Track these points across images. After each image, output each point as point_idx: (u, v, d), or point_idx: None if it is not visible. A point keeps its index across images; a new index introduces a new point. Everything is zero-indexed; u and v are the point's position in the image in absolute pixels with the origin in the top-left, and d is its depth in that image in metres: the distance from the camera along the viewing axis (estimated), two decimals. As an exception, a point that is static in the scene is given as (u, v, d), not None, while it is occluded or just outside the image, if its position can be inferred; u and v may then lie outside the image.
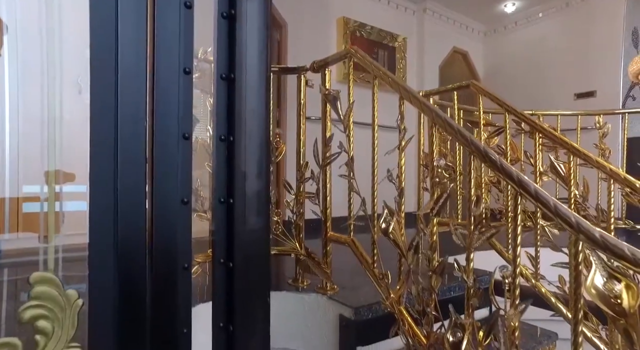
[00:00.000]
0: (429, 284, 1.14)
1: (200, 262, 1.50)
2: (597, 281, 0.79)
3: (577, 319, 0.84)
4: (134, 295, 0.75)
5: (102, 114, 0.71)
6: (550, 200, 0.88)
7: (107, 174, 0.71)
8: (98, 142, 0.71)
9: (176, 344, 0.78)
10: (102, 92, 0.70)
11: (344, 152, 1.48)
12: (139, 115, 0.73)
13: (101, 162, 0.71)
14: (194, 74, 0.83)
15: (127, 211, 0.74)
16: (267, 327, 0.86)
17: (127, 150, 0.72)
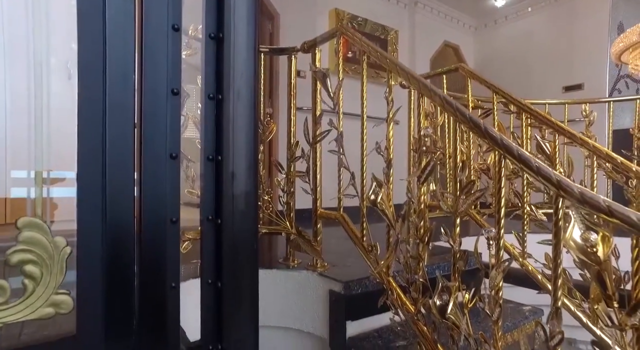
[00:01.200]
0: (417, 252, 1.16)
1: (191, 238, 1.50)
2: (576, 234, 0.81)
3: (557, 273, 0.86)
4: (122, 250, 0.75)
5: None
6: (532, 161, 0.90)
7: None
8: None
9: (165, 298, 0.79)
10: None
11: (333, 128, 1.50)
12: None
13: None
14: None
15: (116, 170, 0.75)
16: (256, 282, 0.87)
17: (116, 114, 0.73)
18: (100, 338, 0.72)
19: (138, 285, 0.77)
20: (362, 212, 1.38)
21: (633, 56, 1.69)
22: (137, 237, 0.77)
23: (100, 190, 0.73)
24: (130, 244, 0.76)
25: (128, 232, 0.76)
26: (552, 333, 0.84)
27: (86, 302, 0.71)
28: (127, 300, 0.75)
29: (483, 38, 5.08)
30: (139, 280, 0.77)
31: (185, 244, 1.48)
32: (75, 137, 0.71)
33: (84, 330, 0.71)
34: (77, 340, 0.70)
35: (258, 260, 0.87)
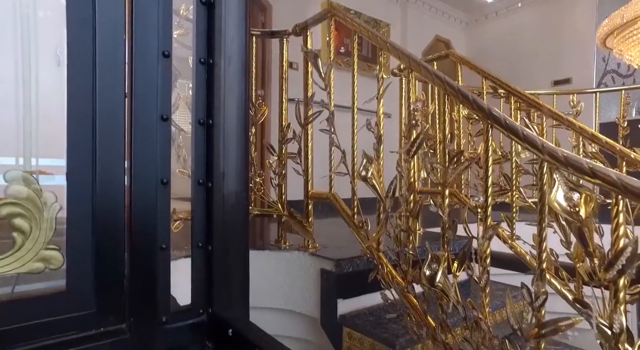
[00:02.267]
0: (407, 225, 1.18)
1: (182, 218, 1.50)
2: (559, 196, 0.84)
3: (542, 237, 0.88)
4: (112, 210, 0.75)
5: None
6: (519, 128, 0.92)
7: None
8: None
9: (155, 259, 0.79)
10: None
11: (325, 109, 1.51)
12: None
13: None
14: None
15: (106, 132, 0.75)
16: (246, 246, 0.87)
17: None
18: (90, 295, 0.72)
19: (128, 246, 0.77)
20: (353, 190, 1.39)
21: (617, 40, 1.72)
22: (127, 198, 0.77)
23: (91, 151, 0.73)
24: (120, 204, 0.76)
25: (118, 193, 0.76)
26: (537, 294, 0.86)
27: (76, 259, 0.71)
28: (117, 260, 0.75)
29: (474, 33, 5.14)
30: (129, 241, 0.77)
31: (177, 223, 1.48)
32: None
33: (74, 286, 0.71)
34: (67, 295, 0.70)
35: (248, 224, 0.87)
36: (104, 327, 0.74)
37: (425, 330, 1.12)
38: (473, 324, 0.99)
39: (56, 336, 0.69)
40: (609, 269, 0.74)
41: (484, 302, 1.00)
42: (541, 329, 0.86)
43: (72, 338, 0.71)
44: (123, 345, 0.75)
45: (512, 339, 0.95)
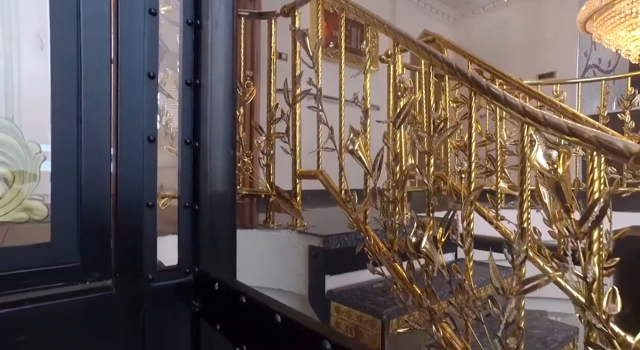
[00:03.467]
0: (394, 196, 1.19)
1: (169, 195, 1.49)
2: (539, 155, 0.86)
3: (523, 198, 0.91)
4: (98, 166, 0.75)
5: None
6: (501, 93, 0.94)
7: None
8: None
9: (141, 216, 0.79)
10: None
11: (312, 87, 1.52)
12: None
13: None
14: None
15: (91, 86, 0.75)
16: (234, 206, 0.88)
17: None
18: (75, 248, 0.72)
19: (114, 202, 0.77)
20: (340, 165, 1.41)
21: (596, 24, 1.77)
22: (113, 155, 0.77)
23: (76, 102, 0.72)
24: (106, 160, 0.76)
25: (104, 150, 0.76)
26: (518, 252, 0.89)
27: (60, 212, 0.71)
28: (102, 215, 0.75)
29: (461, 28, 5.21)
30: (114, 197, 0.77)
31: (164, 200, 1.48)
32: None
33: (59, 238, 0.70)
34: (52, 247, 0.70)
35: (235, 183, 0.88)
36: (89, 281, 0.73)
37: (411, 298, 1.14)
38: (457, 287, 1.01)
39: (41, 287, 0.68)
40: (583, 221, 0.77)
41: (467, 265, 1.02)
42: (522, 286, 0.89)
43: (58, 292, 0.71)
44: (109, 301, 0.75)
45: (494, 299, 0.97)
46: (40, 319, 0.68)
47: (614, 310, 0.75)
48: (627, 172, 2.76)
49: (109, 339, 0.75)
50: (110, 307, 0.75)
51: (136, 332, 0.79)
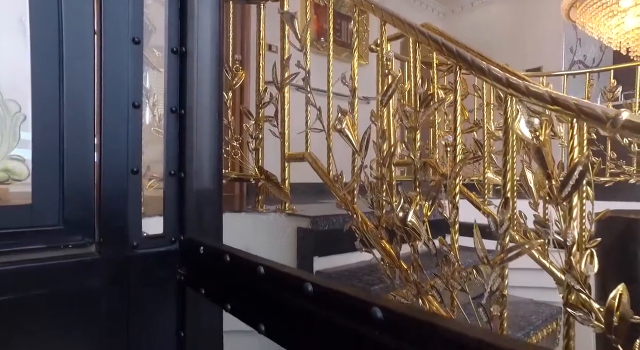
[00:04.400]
0: (380, 173, 1.20)
1: (156, 176, 1.48)
2: (522, 124, 0.88)
3: (506, 168, 0.92)
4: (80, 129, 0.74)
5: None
6: (484, 65, 0.96)
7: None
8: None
9: (126, 182, 0.79)
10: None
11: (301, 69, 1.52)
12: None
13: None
14: None
15: (73, 58, 0.74)
16: (220, 173, 0.87)
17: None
18: (56, 211, 0.71)
19: (97, 167, 0.76)
20: (328, 146, 1.41)
21: (579, 12, 1.81)
22: (97, 119, 0.76)
23: (57, 65, 0.71)
24: (89, 124, 0.75)
25: (87, 113, 0.75)
26: (502, 221, 0.90)
27: (41, 173, 0.70)
28: (85, 179, 0.74)
29: (451, 24, 5.26)
30: (98, 162, 0.76)
31: (151, 182, 1.46)
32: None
33: (39, 200, 0.69)
34: (33, 208, 0.69)
35: (222, 151, 0.88)
36: (72, 245, 0.72)
37: (398, 273, 1.15)
38: (443, 259, 1.03)
39: (21, 248, 0.67)
40: (563, 186, 0.79)
41: (453, 237, 1.03)
42: (505, 254, 0.90)
43: (40, 255, 0.70)
44: (93, 266, 0.75)
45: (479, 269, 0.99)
46: (22, 281, 0.67)
47: (592, 270, 0.77)
48: (610, 162, 2.83)
49: (92, 304, 0.74)
50: (93, 272, 0.74)
51: (121, 299, 0.78)
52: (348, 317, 0.42)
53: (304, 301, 0.47)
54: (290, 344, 0.51)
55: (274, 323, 0.54)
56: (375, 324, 0.38)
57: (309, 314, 0.47)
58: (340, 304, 0.43)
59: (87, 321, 0.74)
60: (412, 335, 0.36)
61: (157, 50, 0.98)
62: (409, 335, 0.36)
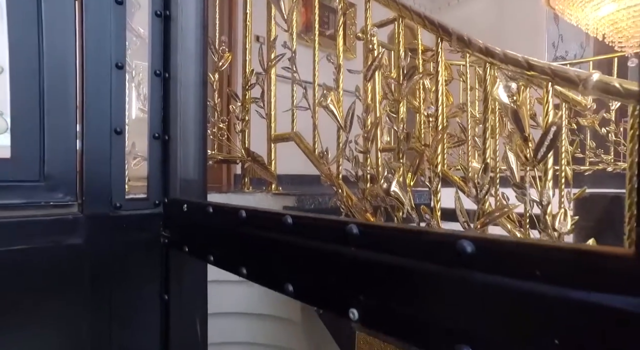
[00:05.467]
0: (366, 147, 1.22)
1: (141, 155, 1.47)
2: (500, 91, 0.90)
3: (486, 135, 0.95)
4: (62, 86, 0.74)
5: None
6: (464, 35, 0.98)
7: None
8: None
9: (109, 142, 0.78)
10: None
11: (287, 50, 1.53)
12: None
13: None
14: None
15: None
16: (204, 136, 0.88)
17: None
18: (37, 166, 0.71)
19: (80, 125, 0.76)
20: (314, 124, 1.42)
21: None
22: (79, 79, 0.76)
23: (36, 18, 0.71)
24: (70, 81, 0.75)
25: (68, 71, 0.75)
26: (482, 185, 0.93)
27: (21, 127, 0.69)
28: (67, 137, 0.74)
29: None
30: (80, 121, 0.76)
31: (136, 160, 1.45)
32: None
33: (19, 154, 0.69)
34: (12, 162, 0.68)
35: (206, 113, 0.88)
36: (53, 202, 0.72)
37: (382, 245, 1.17)
38: (426, 226, 1.05)
39: (1, 203, 0.67)
40: (539, 147, 0.81)
41: (435, 206, 1.06)
42: (486, 218, 0.93)
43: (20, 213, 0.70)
44: (75, 224, 0.74)
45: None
46: (1, 234, 0.66)
47: (565, 227, 0.80)
48: (590, 151, 2.90)
49: (74, 263, 0.74)
50: (75, 231, 0.74)
51: (103, 260, 0.78)
52: (326, 240, 0.43)
53: (284, 234, 0.49)
54: (270, 281, 0.52)
55: (255, 263, 0.55)
56: (352, 240, 0.40)
57: (289, 245, 0.48)
58: (318, 228, 0.44)
59: (69, 279, 0.74)
60: (387, 246, 0.37)
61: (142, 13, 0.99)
62: (383, 246, 0.37)
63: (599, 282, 0.24)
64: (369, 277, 0.38)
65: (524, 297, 0.27)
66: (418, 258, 0.34)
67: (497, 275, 0.29)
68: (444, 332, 0.32)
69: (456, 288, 0.31)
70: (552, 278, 0.26)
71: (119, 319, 0.80)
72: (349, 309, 0.40)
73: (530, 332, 0.27)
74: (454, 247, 0.31)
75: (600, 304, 0.24)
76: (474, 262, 0.30)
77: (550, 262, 0.26)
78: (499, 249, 0.29)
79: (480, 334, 0.30)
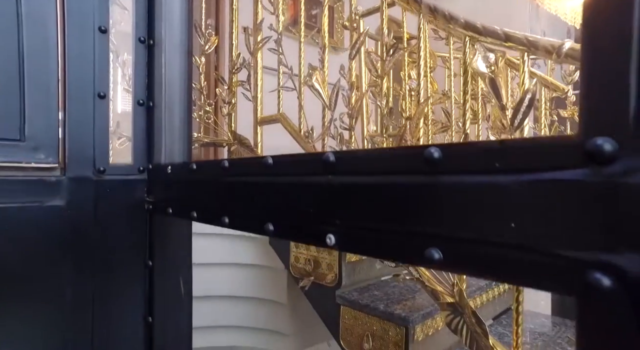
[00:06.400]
0: (350, 124, 1.24)
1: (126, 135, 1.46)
2: (479, 62, 0.93)
3: (465, 108, 0.97)
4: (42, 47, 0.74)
5: None
6: (445, 11, 1.01)
7: None
8: None
9: (92, 106, 0.78)
10: None
11: (273, 32, 1.54)
12: None
13: None
14: None
15: None
16: (189, 103, 0.88)
17: None
18: (17, 125, 0.70)
19: (62, 88, 0.76)
20: (300, 104, 1.43)
21: (541, -13, 1.92)
22: (60, 41, 0.76)
23: (20, -21, 0.71)
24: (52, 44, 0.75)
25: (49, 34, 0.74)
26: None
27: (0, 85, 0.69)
28: (48, 98, 0.74)
29: (424, 16, 5.39)
30: (63, 83, 0.76)
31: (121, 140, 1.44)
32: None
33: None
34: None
35: (191, 79, 0.89)
36: (34, 163, 0.72)
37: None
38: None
39: (-19, 159, 0.66)
40: (515, 114, 0.84)
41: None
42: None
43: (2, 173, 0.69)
44: (57, 186, 0.74)
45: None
46: (-19, 192, 0.66)
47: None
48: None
49: (56, 224, 0.74)
50: (58, 192, 0.74)
51: (86, 224, 0.78)
52: (305, 173, 0.44)
53: (265, 176, 0.50)
54: (251, 225, 0.53)
55: (237, 210, 0.56)
56: (329, 167, 0.41)
57: (269, 185, 0.49)
58: (297, 163, 0.46)
59: (50, 240, 0.73)
60: (361, 167, 0.39)
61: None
62: (358, 168, 0.39)
63: (550, 163, 0.26)
64: (344, 201, 0.40)
65: (485, 191, 0.29)
66: (390, 173, 0.36)
67: (462, 175, 0.31)
68: (414, 240, 0.34)
69: (425, 195, 0.33)
70: (510, 166, 0.28)
71: (102, 283, 0.80)
72: (326, 236, 0.42)
73: (492, 223, 0.29)
74: (423, 155, 0.33)
75: (553, 180, 0.26)
76: (441, 167, 0.32)
77: (508, 153, 0.28)
78: (464, 151, 0.31)
79: (447, 235, 0.32)
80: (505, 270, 0.29)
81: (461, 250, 0.31)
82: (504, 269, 0.29)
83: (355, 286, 1.32)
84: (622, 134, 0.23)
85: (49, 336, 0.75)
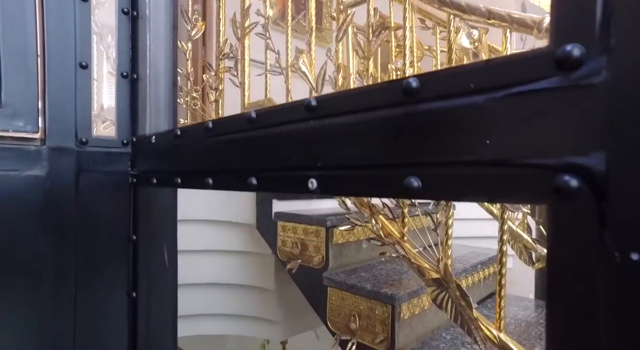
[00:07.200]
0: (336, 106, 1.24)
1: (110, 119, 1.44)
2: (463, 39, 0.95)
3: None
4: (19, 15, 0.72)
5: None
6: (431, -10, 1.02)
7: None
8: None
9: (73, 76, 0.77)
10: None
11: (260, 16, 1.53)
12: None
13: None
14: None
15: None
16: (175, 76, 0.87)
17: None
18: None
19: (42, 57, 0.74)
20: (287, 88, 1.43)
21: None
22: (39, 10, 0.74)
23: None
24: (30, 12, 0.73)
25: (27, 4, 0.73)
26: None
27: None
28: (27, 66, 0.72)
29: (412, 14, 5.44)
30: (42, 52, 0.74)
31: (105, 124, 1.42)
32: None
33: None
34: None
35: (177, 54, 0.88)
36: (12, 129, 0.70)
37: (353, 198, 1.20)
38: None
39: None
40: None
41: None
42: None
43: (-23, 139, 0.67)
44: (37, 155, 0.73)
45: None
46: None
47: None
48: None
49: (35, 194, 0.72)
50: (38, 162, 0.73)
51: (68, 196, 0.77)
52: (287, 121, 0.44)
53: (248, 131, 0.50)
54: (234, 182, 0.53)
55: (220, 170, 0.56)
56: (310, 111, 0.41)
57: (252, 139, 0.49)
58: (279, 113, 0.46)
59: (29, 210, 0.72)
60: (342, 107, 0.39)
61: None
62: (339, 108, 0.39)
63: (523, 77, 0.27)
64: (325, 143, 0.40)
65: (462, 112, 0.30)
66: (370, 109, 0.36)
67: (440, 100, 0.31)
68: (393, 171, 0.34)
69: (404, 125, 0.34)
70: (485, 85, 0.28)
71: (84, 258, 0.78)
72: (308, 180, 0.42)
73: (467, 143, 0.30)
74: (401, 86, 0.33)
75: (527, 92, 0.26)
76: (419, 95, 0.32)
77: (483, 72, 0.29)
78: (441, 76, 0.32)
79: (425, 161, 0.32)
80: (481, 189, 0.29)
81: (438, 174, 0.31)
82: (480, 187, 0.29)
83: (342, 269, 1.32)
84: (590, 38, 0.24)
85: (27, 313, 0.73)
